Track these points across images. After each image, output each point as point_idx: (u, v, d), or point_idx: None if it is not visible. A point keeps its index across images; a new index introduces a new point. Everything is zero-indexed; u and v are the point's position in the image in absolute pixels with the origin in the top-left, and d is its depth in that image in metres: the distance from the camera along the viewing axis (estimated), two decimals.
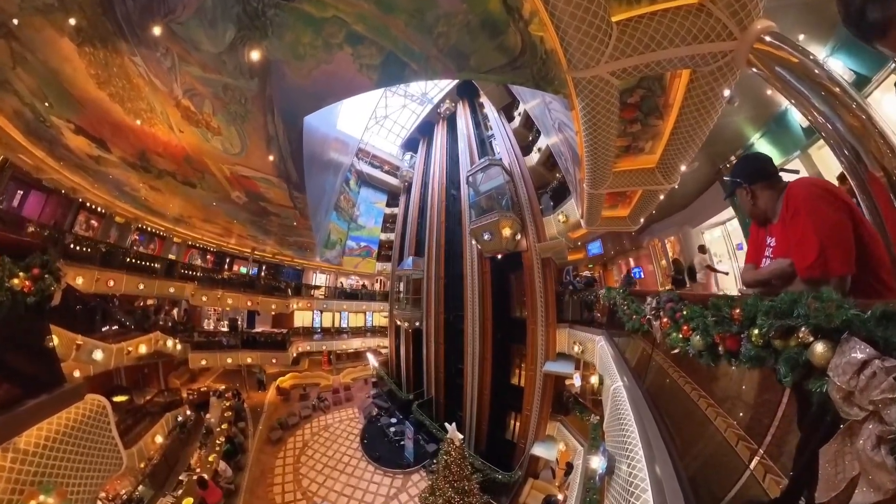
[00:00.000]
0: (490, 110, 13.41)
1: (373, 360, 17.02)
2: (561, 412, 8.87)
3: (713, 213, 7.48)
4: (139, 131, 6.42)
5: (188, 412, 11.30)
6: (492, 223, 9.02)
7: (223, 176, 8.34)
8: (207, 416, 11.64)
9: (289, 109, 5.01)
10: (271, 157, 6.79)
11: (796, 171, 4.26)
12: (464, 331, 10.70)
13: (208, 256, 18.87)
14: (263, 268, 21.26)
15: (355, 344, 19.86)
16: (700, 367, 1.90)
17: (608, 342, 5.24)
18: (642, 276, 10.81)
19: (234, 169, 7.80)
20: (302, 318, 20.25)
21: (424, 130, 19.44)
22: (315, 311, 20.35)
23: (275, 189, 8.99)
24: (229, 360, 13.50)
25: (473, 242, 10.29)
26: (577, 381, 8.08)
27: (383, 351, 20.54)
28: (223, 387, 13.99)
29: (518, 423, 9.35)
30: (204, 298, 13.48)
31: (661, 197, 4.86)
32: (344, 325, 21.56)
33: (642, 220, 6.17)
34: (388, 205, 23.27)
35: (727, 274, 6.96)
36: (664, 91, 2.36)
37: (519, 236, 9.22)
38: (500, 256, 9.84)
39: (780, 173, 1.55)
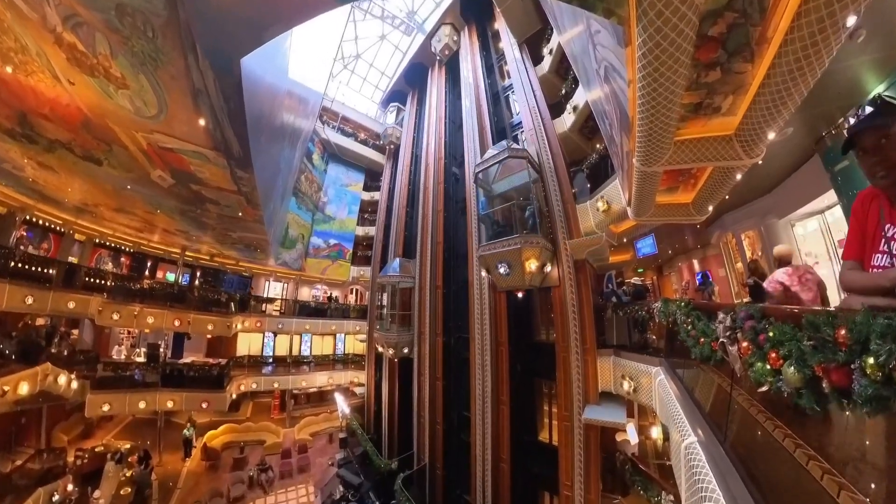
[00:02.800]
0: (509, 45, 12.62)
1: (343, 405, 16.16)
2: (617, 489, 8.04)
3: (808, 199, 7.39)
4: (12, 83, 6.17)
5: (70, 486, 10.50)
6: (510, 252, 8.42)
7: (138, 148, 8.19)
8: (95, 494, 10.88)
9: (217, 47, 4.75)
10: (202, 121, 6.62)
11: None
12: (470, 360, 10.53)
13: (122, 259, 18.79)
14: (198, 274, 21.23)
15: (320, 380, 19.46)
16: (801, 412, 1.80)
17: (669, 375, 5.12)
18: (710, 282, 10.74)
19: (151, 138, 7.64)
20: (248, 344, 20.18)
21: (413, 78, 18.87)
22: (266, 334, 20.25)
23: (211, 167, 8.86)
24: (142, 405, 13.18)
25: (484, 274, 9.78)
26: (632, 436, 7.60)
27: (358, 391, 20.28)
28: (127, 445, 13.43)
29: None
30: (115, 316, 13.37)
31: (738, 177, 4.71)
32: (306, 352, 21.44)
33: (711, 208, 6.03)
34: (366, 188, 23.23)
35: None
36: (764, 16, 2.21)
37: (549, 267, 8.68)
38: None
39: None
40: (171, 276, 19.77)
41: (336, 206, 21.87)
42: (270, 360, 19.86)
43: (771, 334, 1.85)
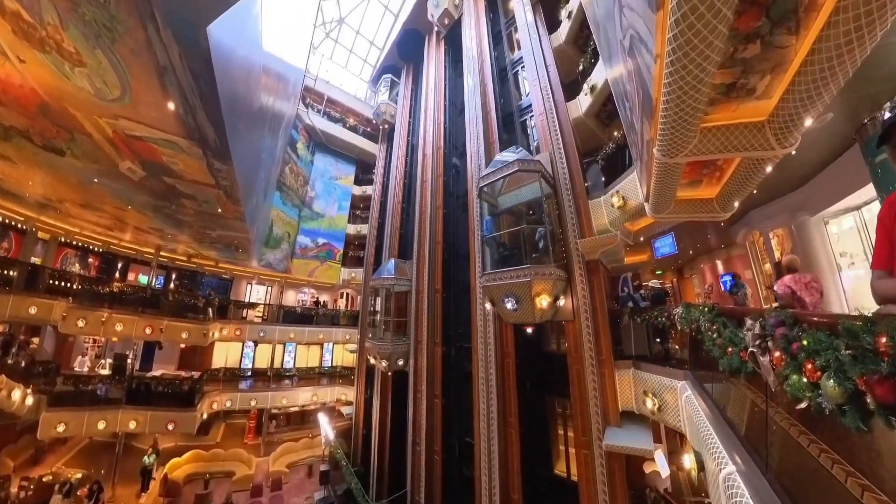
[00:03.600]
0: (521, 5, 12.11)
1: (327, 429, 15.31)
2: None
3: (844, 194, 7.33)
4: None
5: None
6: (519, 286, 8.04)
7: (103, 136, 8.06)
8: None
9: (178, 12, 4.53)
10: (171, 105, 6.47)
11: None
12: (473, 374, 10.36)
13: (91, 260, 18.68)
14: (173, 276, 21.14)
15: (303, 398, 19.13)
16: (846, 431, 1.72)
17: (696, 391, 5.00)
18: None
19: (116, 125, 7.49)
20: (226, 354, 20.08)
21: (407, 50, 18.43)
22: (246, 343, 20.11)
23: (185, 157, 8.74)
24: (102, 425, 12.87)
25: (489, 307, 9.39)
26: (662, 466, 7.00)
27: (345, 410, 19.96)
28: (79, 475, 12.96)
29: None
30: (81, 323, 13.25)
31: (769, 169, 4.63)
32: (289, 363, 21.29)
33: (737, 204, 5.96)
34: (357, 182, 23.16)
35: None
36: None
37: (562, 301, 8.38)
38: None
39: None
40: (143, 279, 19.66)
41: (325, 202, 21.76)
42: (249, 373, 19.67)
43: (805, 343, 1.81)
